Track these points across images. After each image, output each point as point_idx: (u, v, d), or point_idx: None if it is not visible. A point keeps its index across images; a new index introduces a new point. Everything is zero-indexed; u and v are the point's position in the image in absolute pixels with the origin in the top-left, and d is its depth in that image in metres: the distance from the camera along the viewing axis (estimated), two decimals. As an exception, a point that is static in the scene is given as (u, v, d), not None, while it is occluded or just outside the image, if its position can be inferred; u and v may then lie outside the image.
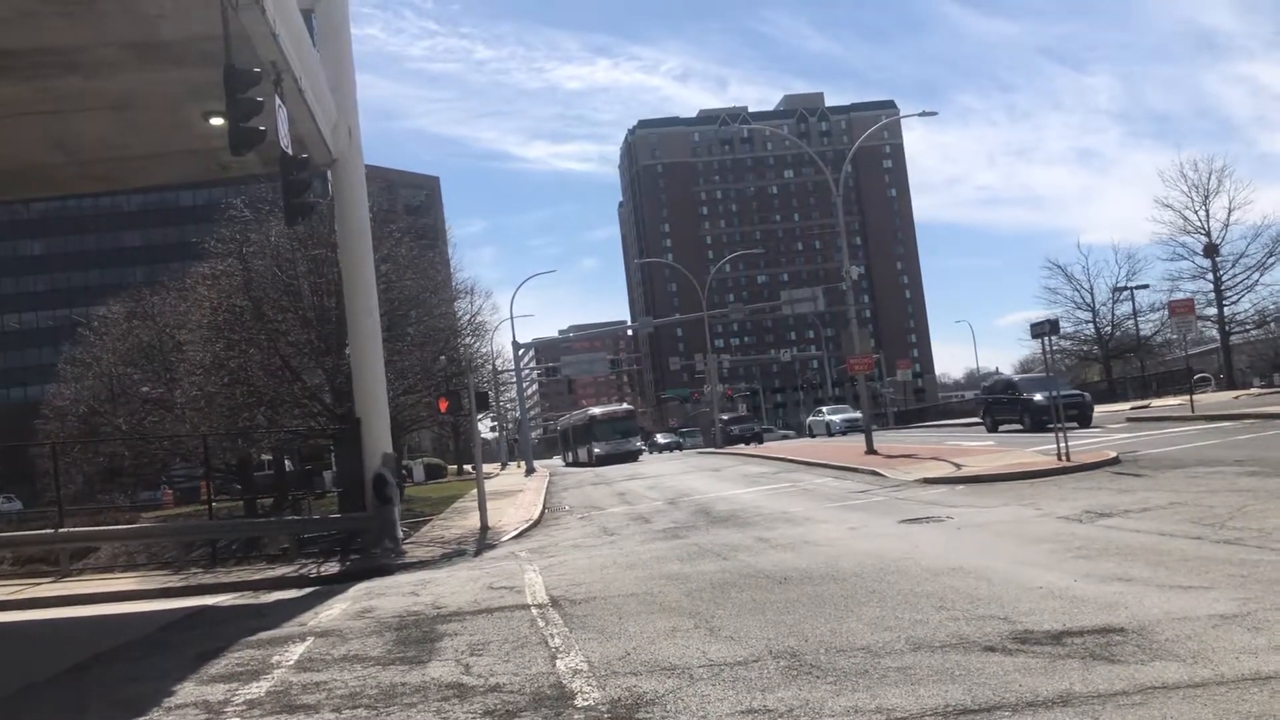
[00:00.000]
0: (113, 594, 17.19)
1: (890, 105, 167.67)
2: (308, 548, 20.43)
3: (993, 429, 35.08)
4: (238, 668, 9.46)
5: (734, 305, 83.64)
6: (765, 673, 6.99)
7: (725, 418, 67.08)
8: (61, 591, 18.01)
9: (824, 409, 63.31)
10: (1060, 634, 7.18)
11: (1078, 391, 34.97)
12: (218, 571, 19.13)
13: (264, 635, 11.27)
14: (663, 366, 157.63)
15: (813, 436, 58.17)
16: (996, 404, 35.48)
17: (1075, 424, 30.23)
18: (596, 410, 65.29)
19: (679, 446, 74.56)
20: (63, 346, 48.50)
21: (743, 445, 55.25)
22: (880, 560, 11.44)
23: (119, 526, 26.66)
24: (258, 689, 8.39)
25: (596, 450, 57.40)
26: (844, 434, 52.07)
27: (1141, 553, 10.11)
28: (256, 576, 17.73)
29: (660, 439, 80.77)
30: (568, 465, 66.04)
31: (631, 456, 56.46)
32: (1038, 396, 31.57)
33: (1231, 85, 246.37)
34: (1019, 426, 33.12)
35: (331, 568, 17.98)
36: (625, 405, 72.87)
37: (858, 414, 57.69)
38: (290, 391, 27.53)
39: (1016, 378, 37.42)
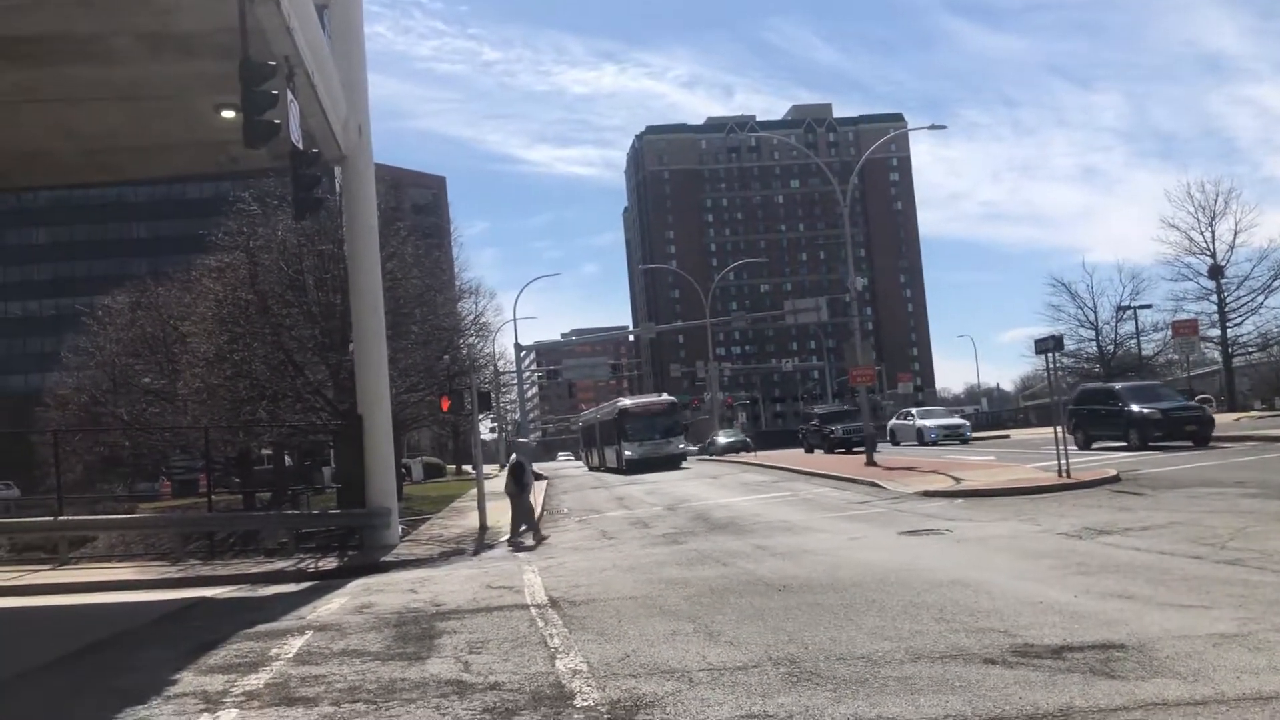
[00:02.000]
0: (110, 583, 17.19)
1: (898, 118, 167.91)
2: (305, 543, 20.46)
3: (1085, 445, 29.20)
4: (236, 659, 9.46)
5: (737, 313, 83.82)
6: (765, 678, 6.99)
7: (820, 412, 51.36)
8: (59, 579, 18.03)
9: (913, 411, 50.21)
10: (1060, 648, 7.18)
11: (1195, 404, 29.81)
12: (215, 564, 19.15)
13: (262, 628, 11.28)
14: (663, 373, 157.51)
15: (895, 444, 45.42)
16: (1092, 416, 29.62)
17: (1191, 443, 26.41)
18: (628, 402, 51.71)
19: (746, 446, 56.28)
20: (65, 335, 48.51)
21: (841, 450, 41.72)
22: (880, 571, 11.44)
23: (117, 516, 26.78)
24: (256, 680, 8.39)
25: (627, 453, 45.14)
26: (935, 443, 42.37)
27: (1142, 571, 10.12)
28: (254, 570, 17.75)
29: (721, 438, 60.30)
30: (591, 469, 55.63)
31: (673, 462, 44.59)
32: (1145, 408, 27.47)
33: (1237, 107, 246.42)
34: (1121, 443, 28.02)
35: (329, 563, 17.99)
36: (665, 396, 54.91)
37: (958, 420, 47.29)
38: (293, 386, 27.52)
39: (1117, 385, 31.33)
